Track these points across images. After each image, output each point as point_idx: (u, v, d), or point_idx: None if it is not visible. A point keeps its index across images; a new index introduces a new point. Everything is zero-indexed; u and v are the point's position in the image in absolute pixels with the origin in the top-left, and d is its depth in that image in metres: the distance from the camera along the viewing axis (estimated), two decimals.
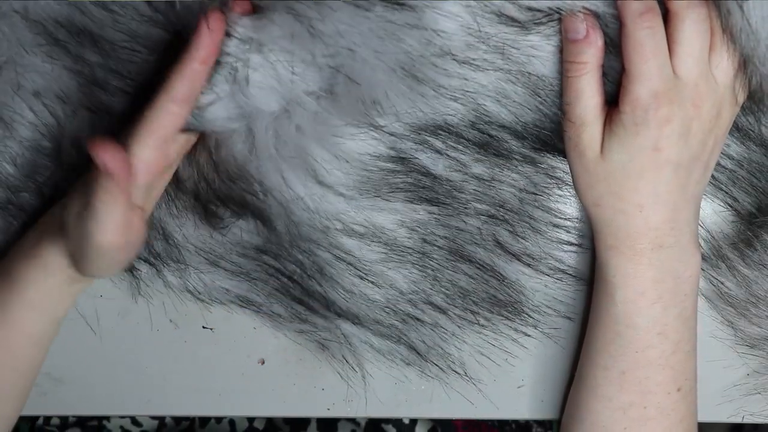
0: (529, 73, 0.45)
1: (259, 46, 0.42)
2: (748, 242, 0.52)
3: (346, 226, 0.49)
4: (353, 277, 0.51)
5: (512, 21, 0.43)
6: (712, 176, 0.51)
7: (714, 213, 0.53)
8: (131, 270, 0.54)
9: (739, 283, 0.53)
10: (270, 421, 0.74)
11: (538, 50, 0.44)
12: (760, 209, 0.51)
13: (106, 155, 0.39)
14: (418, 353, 0.54)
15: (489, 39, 0.43)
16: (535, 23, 0.44)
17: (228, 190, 0.48)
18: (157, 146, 0.42)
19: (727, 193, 0.51)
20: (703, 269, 0.53)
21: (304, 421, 0.73)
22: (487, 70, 0.45)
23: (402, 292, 0.52)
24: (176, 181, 0.49)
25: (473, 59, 0.44)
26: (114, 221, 0.41)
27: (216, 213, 0.50)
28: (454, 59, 0.44)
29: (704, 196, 0.52)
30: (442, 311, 0.53)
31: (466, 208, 0.50)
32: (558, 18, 0.44)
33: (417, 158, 0.48)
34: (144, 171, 0.42)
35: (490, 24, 0.43)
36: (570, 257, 0.53)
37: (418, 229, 0.50)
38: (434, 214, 0.50)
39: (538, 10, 0.43)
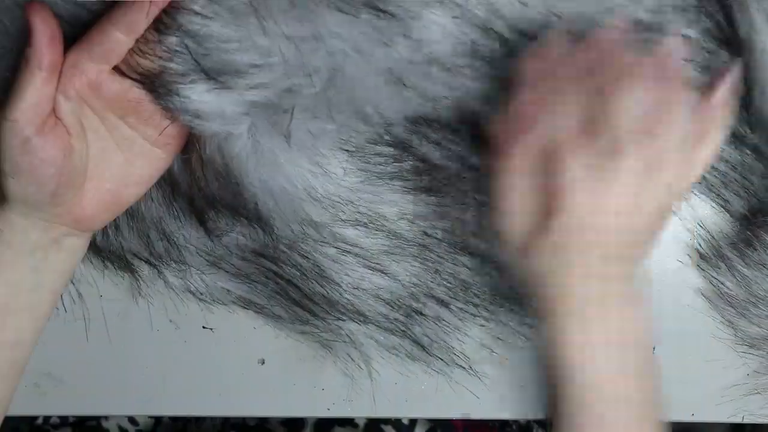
0: None
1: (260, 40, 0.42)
2: (748, 242, 0.52)
3: (352, 215, 0.49)
4: (361, 268, 0.51)
5: (498, 36, 0.44)
6: (704, 178, 0.51)
7: (714, 213, 0.53)
8: (132, 271, 0.54)
9: (739, 283, 0.53)
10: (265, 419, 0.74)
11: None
12: (751, 211, 0.51)
13: (36, 13, 0.39)
14: (423, 347, 0.54)
15: (476, 49, 0.44)
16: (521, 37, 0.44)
17: (218, 190, 0.48)
18: (88, 58, 0.42)
19: (718, 195, 0.52)
20: (703, 269, 0.53)
21: (300, 423, 0.73)
22: (474, 76, 0.45)
23: (404, 285, 0.52)
24: (171, 183, 0.49)
25: (459, 66, 0.44)
26: (26, 99, 0.41)
27: (208, 224, 0.50)
28: (440, 66, 0.44)
29: (701, 198, 0.52)
30: (444, 305, 0.53)
31: (464, 198, 0.50)
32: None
33: (413, 146, 0.48)
34: (70, 74, 0.42)
35: (474, 33, 0.43)
36: None
37: (418, 222, 0.51)
38: (433, 205, 0.50)
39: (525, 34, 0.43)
